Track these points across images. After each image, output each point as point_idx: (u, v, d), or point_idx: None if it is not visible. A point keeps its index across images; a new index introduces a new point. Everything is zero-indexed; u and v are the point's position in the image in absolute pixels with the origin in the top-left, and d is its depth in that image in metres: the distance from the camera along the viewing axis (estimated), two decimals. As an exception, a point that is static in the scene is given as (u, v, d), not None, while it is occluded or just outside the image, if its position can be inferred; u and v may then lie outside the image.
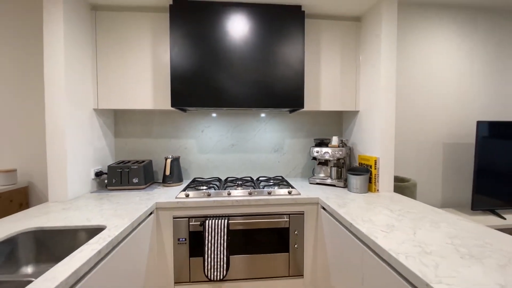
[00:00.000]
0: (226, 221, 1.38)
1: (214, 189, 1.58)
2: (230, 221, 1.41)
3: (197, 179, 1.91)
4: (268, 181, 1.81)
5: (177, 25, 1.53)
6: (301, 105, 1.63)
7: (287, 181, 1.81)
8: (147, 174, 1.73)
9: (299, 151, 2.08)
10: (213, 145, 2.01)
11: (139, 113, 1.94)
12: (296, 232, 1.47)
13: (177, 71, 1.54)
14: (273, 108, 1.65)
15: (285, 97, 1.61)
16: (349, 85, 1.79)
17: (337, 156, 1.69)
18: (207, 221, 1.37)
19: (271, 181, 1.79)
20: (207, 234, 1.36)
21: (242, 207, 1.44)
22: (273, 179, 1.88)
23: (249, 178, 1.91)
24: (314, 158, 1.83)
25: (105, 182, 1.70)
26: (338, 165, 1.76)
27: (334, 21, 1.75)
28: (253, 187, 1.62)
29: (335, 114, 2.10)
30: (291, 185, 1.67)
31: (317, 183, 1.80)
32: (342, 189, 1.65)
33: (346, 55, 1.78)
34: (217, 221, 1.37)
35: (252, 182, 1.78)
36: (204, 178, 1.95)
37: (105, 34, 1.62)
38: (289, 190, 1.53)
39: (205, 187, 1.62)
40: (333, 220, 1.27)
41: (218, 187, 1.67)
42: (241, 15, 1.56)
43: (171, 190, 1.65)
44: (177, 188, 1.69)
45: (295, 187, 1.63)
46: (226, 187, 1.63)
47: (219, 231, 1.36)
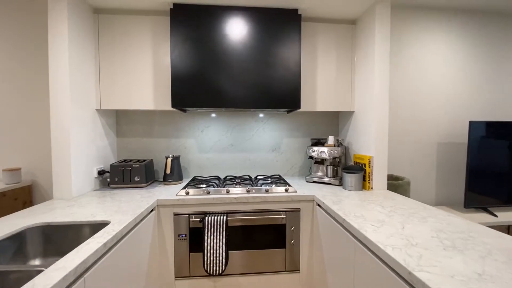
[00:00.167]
0: (225, 217, 1.43)
1: (214, 187, 1.63)
2: (228, 218, 1.46)
3: (197, 177, 1.96)
4: (266, 179, 1.86)
5: (177, 28, 1.58)
6: (297, 106, 1.68)
7: (284, 180, 1.86)
8: (148, 172, 1.78)
9: (296, 150, 2.13)
10: (212, 145, 2.06)
11: (140, 113, 1.98)
12: (292, 228, 1.52)
13: (178, 73, 1.59)
14: (270, 109, 1.70)
15: (282, 98, 1.66)
16: (344, 86, 1.84)
17: (333, 155, 1.74)
18: (206, 217, 1.42)
19: (269, 179, 1.84)
20: (206, 230, 1.41)
21: (241, 204, 1.49)
22: (271, 177, 1.93)
23: (247, 177, 1.96)
24: (311, 157, 1.88)
25: (107, 180, 1.75)
26: (334, 164, 1.82)
27: (330, 24, 1.80)
28: (251, 185, 1.67)
29: (331, 114, 2.15)
30: (288, 183, 1.72)
31: (314, 181, 1.85)
32: (337, 187, 1.70)
33: (342, 57, 1.83)
34: (216, 217, 1.42)
35: (251, 181, 1.83)
36: (204, 176, 2.00)
37: (107, 37, 1.67)
38: (286, 188, 1.59)
39: (204, 185, 1.67)
40: (327, 216, 1.32)
41: (217, 185, 1.72)
42: (239, 18, 1.61)
43: (171, 188, 1.70)
44: (177, 186, 1.74)
45: (291, 185, 1.68)
46: (225, 185, 1.68)
47: (218, 227, 1.41)
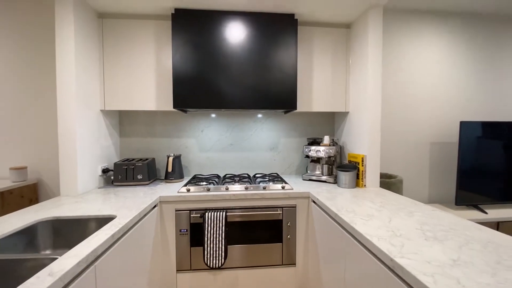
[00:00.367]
0: (224, 213, 1.50)
1: (213, 185, 1.70)
2: (228, 214, 1.53)
3: (197, 175, 2.02)
4: (264, 177, 1.93)
5: (179, 32, 1.65)
6: (294, 107, 1.75)
7: (282, 178, 1.93)
8: (150, 171, 1.85)
9: (293, 149, 2.20)
10: (212, 144, 2.12)
11: (142, 114, 2.05)
12: (288, 224, 1.59)
13: (179, 75, 1.65)
14: (268, 109, 1.77)
15: (280, 99, 1.73)
16: (339, 87, 1.91)
17: (328, 154, 1.81)
18: (206, 213, 1.49)
19: (267, 177, 1.91)
20: (206, 226, 1.48)
21: (239, 200, 1.56)
22: (268, 175, 1.99)
23: (246, 175, 2.03)
24: (307, 156, 1.95)
25: (111, 178, 1.81)
26: (329, 163, 1.88)
27: (325, 28, 1.87)
28: (250, 183, 1.74)
29: (327, 114, 2.22)
30: (284, 181, 1.79)
31: (310, 179, 1.92)
32: (332, 185, 1.77)
33: (337, 59, 1.90)
34: (216, 213, 1.49)
35: (249, 179, 1.90)
36: (204, 175, 2.07)
37: (111, 40, 1.73)
38: (283, 185, 1.66)
39: (205, 183, 1.74)
40: (322, 212, 1.39)
41: (217, 182, 1.79)
42: (238, 22, 1.68)
43: (173, 185, 1.77)
44: (178, 184, 1.81)
45: (288, 183, 1.75)
46: (225, 183, 1.74)
47: (218, 222, 1.48)
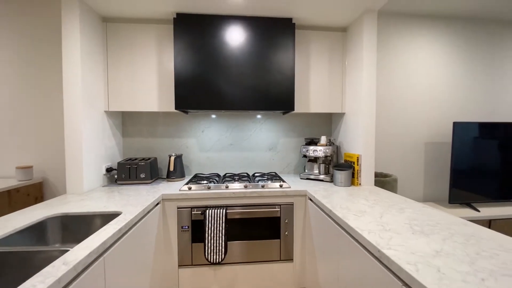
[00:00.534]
0: (224, 211, 1.56)
1: (214, 183, 1.76)
2: (228, 211, 1.59)
3: (198, 174, 2.08)
4: (262, 176, 1.99)
5: (180, 35, 1.71)
6: (291, 108, 1.81)
7: (280, 176, 1.99)
8: (153, 170, 1.91)
9: (291, 149, 2.26)
10: (212, 144, 2.18)
11: (145, 115, 2.11)
12: (286, 221, 1.65)
13: (181, 77, 1.71)
14: (267, 110, 1.83)
15: (278, 100, 1.79)
16: (336, 89, 1.97)
17: (325, 153, 1.87)
18: (207, 211, 1.55)
19: (265, 176, 1.97)
20: (207, 222, 1.54)
21: (239, 198, 1.62)
22: (267, 174, 2.06)
23: (245, 174, 2.09)
24: (305, 156, 2.01)
25: (114, 177, 1.87)
26: (326, 162, 1.95)
27: (322, 32, 1.93)
28: (249, 181, 1.80)
29: (325, 115, 2.28)
30: (282, 180, 1.85)
31: (307, 178, 1.98)
32: (329, 183, 1.83)
33: (333, 62, 1.96)
34: (216, 211, 1.55)
35: (248, 177, 1.96)
36: (205, 174, 2.13)
37: (115, 44, 1.79)
38: (281, 183, 1.72)
39: (205, 181, 1.80)
40: (318, 209, 1.45)
41: (217, 181, 1.85)
42: (238, 26, 1.74)
43: (174, 184, 1.83)
44: (180, 183, 1.87)
45: (286, 181, 1.81)
46: (225, 181, 1.81)
47: (218, 219, 1.54)
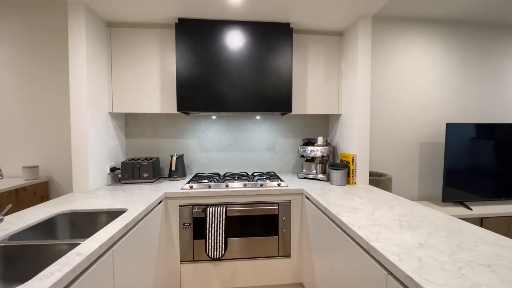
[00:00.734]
0: (224, 208, 1.62)
1: (214, 182, 1.82)
2: (228, 209, 1.65)
3: (199, 174, 2.15)
4: (261, 175, 2.06)
5: (182, 40, 1.77)
6: (289, 109, 1.87)
7: (278, 176, 2.05)
8: (155, 169, 1.97)
9: (290, 149, 2.32)
10: (213, 145, 2.25)
11: (147, 116, 2.18)
12: (284, 218, 1.71)
13: (182, 80, 1.78)
14: (266, 112, 1.89)
15: (276, 102, 1.86)
16: (332, 91, 2.04)
17: (321, 153, 1.94)
18: (208, 208, 1.62)
19: (264, 176, 2.03)
20: (208, 220, 1.61)
21: (238, 196, 1.68)
22: (266, 174, 2.12)
23: (245, 173, 2.16)
24: (302, 156, 2.07)
25: (118, 176, 1.94)
26: (322, 162, 2.01)
27: (319, 36, 2.00)
28: (248, 180, 1.86)
29: (322, 117, 2.34)
30: (280, 179, 1.92)
31: (305, 178, 2.05)
32: (325, 182, 1.89)
33: (330, 65, 2.02)
34: (216, 208, 1.62)
35: (247, 177, 2.02)
36: (205, 173, 2.19)
37: (118, 48, 1.86)
38: (279, 182, 1.78)
39: (206, 180, 1.86)
40: (314, 207, 1.52)
41: (218, 180, 1.91)
42: (237, 31, 1.80)
43: (176, 183, 1.89)
44: (181, 182, 1.94)
45: (284, 181, 1.87)
46: (225, 180, 1.87)
47: (219, 217, 1.61)
